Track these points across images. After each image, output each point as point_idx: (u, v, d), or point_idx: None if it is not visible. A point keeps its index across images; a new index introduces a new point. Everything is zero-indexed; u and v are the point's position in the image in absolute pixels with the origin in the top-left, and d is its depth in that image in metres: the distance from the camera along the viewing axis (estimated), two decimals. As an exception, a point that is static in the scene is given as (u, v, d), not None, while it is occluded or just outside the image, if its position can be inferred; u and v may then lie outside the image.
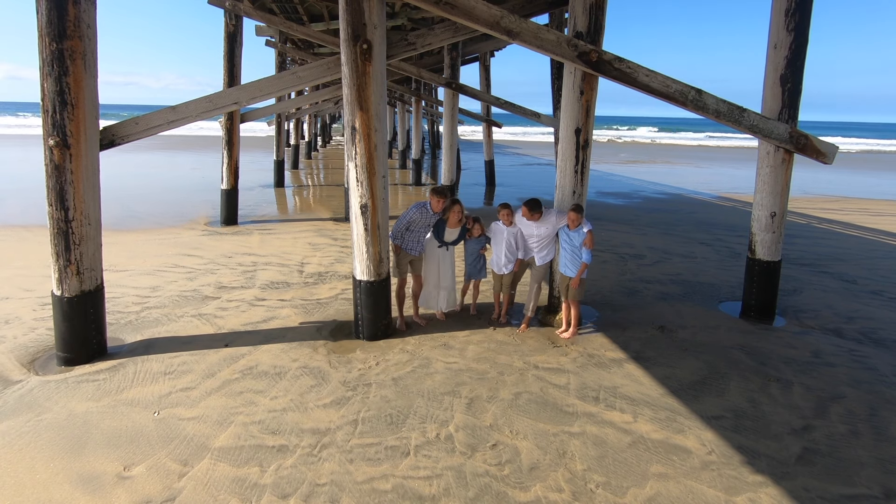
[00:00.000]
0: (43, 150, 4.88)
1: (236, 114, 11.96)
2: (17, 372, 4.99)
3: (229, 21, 11.70)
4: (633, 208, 15.33)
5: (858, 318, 6.80)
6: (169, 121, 5.71)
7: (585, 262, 5.77)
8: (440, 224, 6.20)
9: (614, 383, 4.96)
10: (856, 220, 14.31)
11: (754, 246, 6.62)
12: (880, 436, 4.21)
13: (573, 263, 5.86)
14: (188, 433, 4.08)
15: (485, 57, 19.26)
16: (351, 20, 5.12)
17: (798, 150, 6.10)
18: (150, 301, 6.90)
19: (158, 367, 5.12)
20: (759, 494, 3.52)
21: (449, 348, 5.65)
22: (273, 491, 3.48)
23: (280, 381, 4.88)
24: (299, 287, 7.62)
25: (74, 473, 3.62)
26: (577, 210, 5.77)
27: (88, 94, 4.89)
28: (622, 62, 5.64)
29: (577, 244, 5.79)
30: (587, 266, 5.80)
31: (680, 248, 10.42)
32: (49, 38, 4.63)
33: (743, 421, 4.37)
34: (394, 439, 4.04)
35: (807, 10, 6.00)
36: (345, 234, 11.09)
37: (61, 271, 5.01)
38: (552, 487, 3.55)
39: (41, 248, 9.01)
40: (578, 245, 5.78)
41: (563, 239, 5.91)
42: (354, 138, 5.37)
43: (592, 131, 6.04)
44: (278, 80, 6.47)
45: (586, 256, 5.75)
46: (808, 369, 5.32)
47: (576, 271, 5.83)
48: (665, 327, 6.33)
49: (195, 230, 11.32)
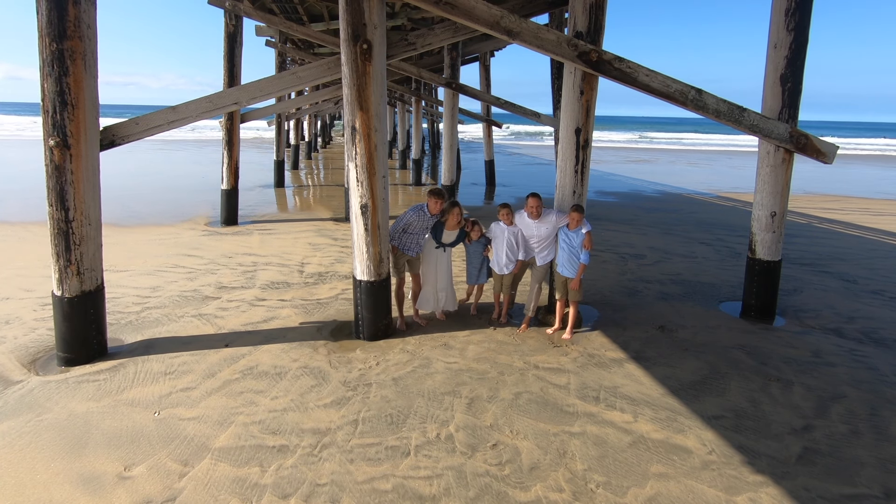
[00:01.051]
0: (43, 150, 4.88)
1: (236, 114, 11.96)
2: (18, 372, 4.99)
3: (229, 21, 11.70)
4: (634, 208, 15.33)
5: (859, 318, 6.80)
6: (169, 121, 5.71)
7: (584, 264, 5.77)
8: (438, 226, 6.20)
9: (615, 383, 4.96)
10: (856, 219, 14.31)
11: (754, 245, 6.62)
12: (881, 435, 4.21)
13: (571, 264, 5.86)
14: (189, 433, 4.08)
15: (485, 57, 19.27)
16: (351, 20, 5.12)
17: (798, 149, 6.10)
18: (151, 301, 6.90)
19: (159, 367, 5.12)
20: (760, 494, 3.52)
21: (449, 348, 5.65)
22: (273, 491, 3.48)
23: (280, 382, 4.88)
24: (299, 287, 7.62)
25: (75, 474, 3.62)
26: (578, 210, 5.77)
27: (89, 95, 4.89)
28: (622, 62, 5.64)
29: (577, 244, 5.79)
30: (585, 267, 5.80)
31: (680, 248, 10.42)
32: (49, 39, 4.63)
33: (743, 421, 4.37)
34: (394, 439, 4.04)
35: (807, 10, 6.00)
36: (345, 235, 11.09)
37: (62, 271, 5.02)
38: (552, 487, 3.55)
39: (41, 248, 9.01)
40: (577, 245, 5.78)
41: (562, 239, 5.91)
42: (354, 138, 5.37)
43: (592, 131, 6.04)
44: (278, 80, 6.47)
45: (584, 258, 5.76)
46: (808, 369, 5.32)
47: (573, 271, 5.83)
48: (665, 327, 6.32)
49: (195, 230, 11.32)
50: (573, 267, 5.84)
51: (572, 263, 5.85)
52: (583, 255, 5.76)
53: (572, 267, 5.85)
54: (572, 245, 5.81)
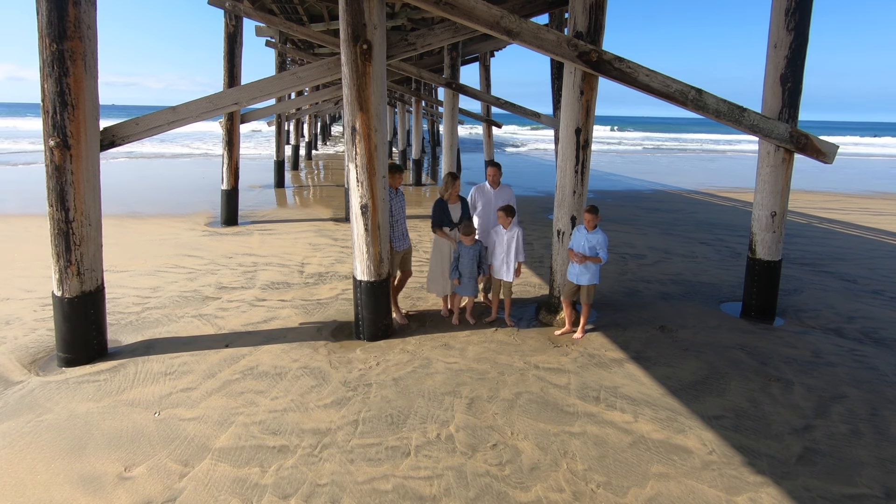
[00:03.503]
0: (43, 150, 4.88)
1: (236, 114, 11.97)
2: (18, 373, 4.99)
3: (229, 21, 11.70)
4: (634, 208, 15.33)
5: (859, 318, 6.79)
6: (169, 121, 5.71)
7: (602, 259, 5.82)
8: (442, 205, 6.26)
9: (615, 383, 4.96)
10: (856, 219, 14.30)
11: (755, 246, 6.62)
12: (881, 435, 4.21)
13: (587, 269, 5.81)
14: (189, 434, 4.08)
15: (485, 57, 19.27)
16: (351, 20, 5.12)
17: (798, 149, 6.10)
18: (151, 301, 6.90)
19: (159, 367, 5.12)
20: (760, 494, 3.52)
21: (449, 348, 5.64)
22: (274, 491, 3.48)
23: (281, 382, 4.88)
24: (300, 287, 7.62)
25: (75, 474, 3.62)
26: (594, 212, 5.75)
27: (89, 95, 4.89)
28: (622, 62, 5.64)
29: (594, 245, 5.75)
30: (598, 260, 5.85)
31: (680, 248, 10.42)
32: (49, 39, 4.63)
33: (744, 421, 4.37)
34: (394, 439, 4.04)
35: (807, 10, 5.99)
36: (345, 235, 11.09)
37: (62, 272, 5.02)
38: (553, 487, 3.55)
39: (41, 248, 9.00)
40: (595, 246, 5.75)
41: (579, 242, 5.81)
42: (355, 139, 5.37)
43: (592, 131, 6.05)
44: (278, 81, 6.47)
45: (605, 256, 5.78)
46: (808, 369, 5.32)
47: (587, 279, 5.82)
48: (665, 327, 6.32)
49: (195, 231, 11.32)
50: (590, 272, 5.82)
51: (588, 269, 5.82)
52: (602, 253, 5.76)
53: (589, 272, 5.82)
54: (591, 246, 5.76)
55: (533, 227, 12.11)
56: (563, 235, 6.21)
